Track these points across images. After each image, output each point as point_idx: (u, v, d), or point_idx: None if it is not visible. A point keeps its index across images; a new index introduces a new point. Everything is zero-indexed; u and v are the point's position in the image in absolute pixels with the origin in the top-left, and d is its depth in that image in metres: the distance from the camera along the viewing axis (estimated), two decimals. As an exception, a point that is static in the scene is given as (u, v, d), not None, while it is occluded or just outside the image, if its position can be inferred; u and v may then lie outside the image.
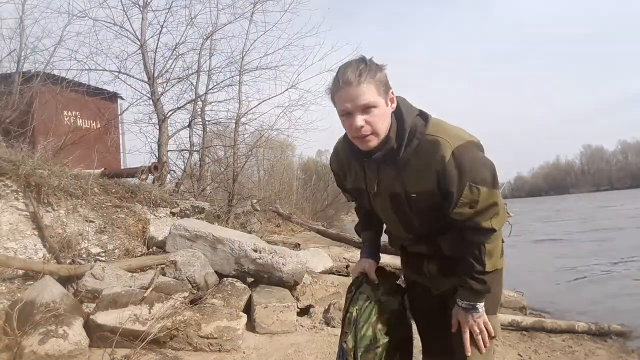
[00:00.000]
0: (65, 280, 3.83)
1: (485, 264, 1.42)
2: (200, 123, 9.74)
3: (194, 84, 9.61)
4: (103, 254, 4.97)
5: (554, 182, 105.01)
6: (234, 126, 9.79)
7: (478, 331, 1.46)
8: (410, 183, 1.43)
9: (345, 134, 1.49)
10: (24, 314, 2.88)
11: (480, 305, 1.46)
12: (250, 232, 7.59)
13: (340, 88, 1.35)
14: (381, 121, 1.37)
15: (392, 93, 1.41)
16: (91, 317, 3.10)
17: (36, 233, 4.77)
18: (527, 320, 4.39)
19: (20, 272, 4.11)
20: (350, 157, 1.56)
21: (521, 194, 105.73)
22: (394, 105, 1.42)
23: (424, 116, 1.45)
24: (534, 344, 3.94)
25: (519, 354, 3.64)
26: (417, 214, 1.49)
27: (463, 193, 1.36)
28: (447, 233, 1.50)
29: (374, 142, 1.39)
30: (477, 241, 1.43)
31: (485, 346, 1.47)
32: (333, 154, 1.68)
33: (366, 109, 1.34)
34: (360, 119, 1.35)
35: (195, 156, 9.81)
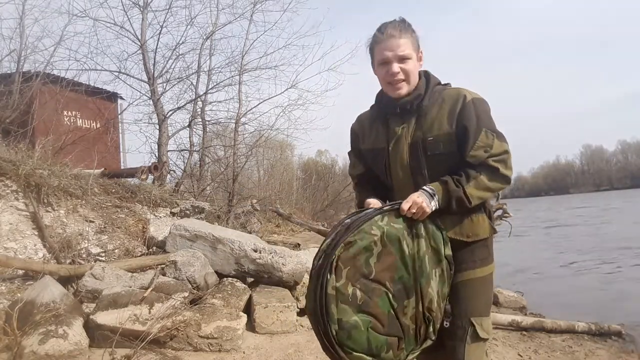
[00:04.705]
0: (65, 280, 3.83)
1: (470, 182, 1.50)
2: (200, 123, 9.75)
3: (194, 84, 9.63)
4: (103, 254, 4.96)
5: (554, 182, 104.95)
6: (233, 126, 9.80)
7: (415, 206, 1.46)
8: (429, 128, 1.58)
9: (376, 95, 1.70)
10: (24, 314, 2.88)
11: (437, 200, 1.50)
12: (250, 232, 7.59)
13: (383, 40, 1.57)
14: (412, 71, 1.58)
15: (422, 52, 1.63)
16: (91, 317, 3.10)
17: (36, 233, 4.77)
18: (527, 320, 4.39)
19: (20, 272, 4.11)
20: (374, 119, 1.72)
21: (521, 194, 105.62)
22: (422, 63, 1.64)
23: (445, 84, 1.68)
24: (534, 344, 3.94)
25: (519, 354, 3.64)
26: (429, 164, 1.57)
27: (479, 137, 1.51)
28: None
29: (404, 89, 1.59)
30: (479, 170, 1.52)
31: (413, 211, 1.46)
32: (355, 121, 1.83)
33: (403, 58, 1.56)
34: (396, 66, 1.56)
35: (195, 156, 9.82)
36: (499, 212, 1.92)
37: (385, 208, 1.48)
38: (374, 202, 1.56)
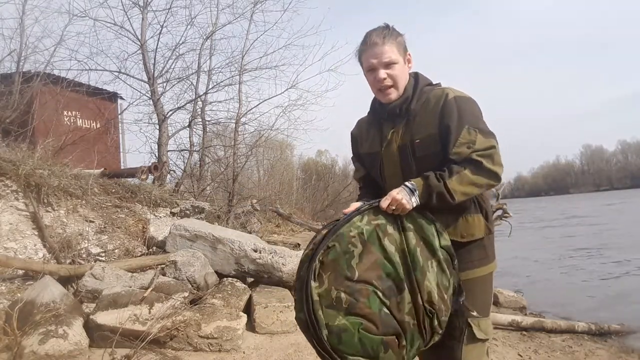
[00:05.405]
0: (65, 280, 3.84)
1: (452, 176, 1.46)
2: (200, 123, 9.75)
3: (194, 84, 9.64)
4: (103, 254, 4.97)
5: (554, 182, 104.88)
6: (234, 126, 9.80)
7: (395, 202, 1.45)
8: (416, 130, 1.59)
9: (371, 101, 1.73)
10: (24, 314, 2.88)
11: (417, 195, 1.47)
12: (250, 232, 7.59)
13: (368, 48, 1.59)
14: (400, 76, 1.60)
15: (409, 55, 1.65)
16: (91, 317, 3.11)
17: (36, 233, 4.77)
18: (527, 320, 4.39)
19: (20, 272, 4.11)
20: (370, 124, 1.75)
21: (521, 194, 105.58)
22: (411, 65, 1.66)
23: (435, 84, 1.69)
24: (534, 344, 3.94)
25: (519, 354, 3.64)
26: (419, 166, 1.57)
27: (461, 134, 1.50)
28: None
29: (394, 94, 1.61)
30: (463, 165, 1.48)
31: (392, 208, 1.45)
32: (355, 126, 1.87)
33: (388, 64, 1.57)
34: (383, 73, 1.58)
35: (195, 156, 9.83)
36: (499, 212, 1.91)
37: (363, 208, 1.46)
38: (353, 206, 1.54)
